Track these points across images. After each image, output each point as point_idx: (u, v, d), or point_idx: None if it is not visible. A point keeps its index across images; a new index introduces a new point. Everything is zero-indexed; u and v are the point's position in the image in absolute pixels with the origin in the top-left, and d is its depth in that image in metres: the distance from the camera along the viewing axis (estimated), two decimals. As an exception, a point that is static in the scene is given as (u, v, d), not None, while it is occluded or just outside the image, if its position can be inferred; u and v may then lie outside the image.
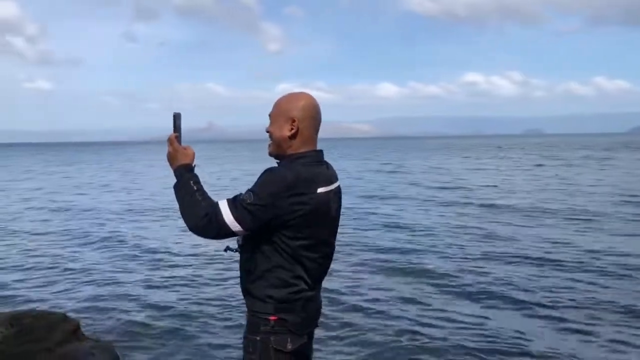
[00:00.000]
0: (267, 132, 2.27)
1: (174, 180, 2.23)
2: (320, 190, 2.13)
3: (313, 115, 2.24)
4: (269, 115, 2.28)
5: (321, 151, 2.28)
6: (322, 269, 2.28)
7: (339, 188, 2.31)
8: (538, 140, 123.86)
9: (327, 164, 2.30)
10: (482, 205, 15.40)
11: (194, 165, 2.28)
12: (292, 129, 2.18)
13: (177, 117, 2.33)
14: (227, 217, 2.05)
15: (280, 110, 2.23)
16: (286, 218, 2.06)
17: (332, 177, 2.25)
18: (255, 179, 2.12)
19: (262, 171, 2.14)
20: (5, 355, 4.11)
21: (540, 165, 35.07)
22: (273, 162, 2.27)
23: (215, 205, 2.09)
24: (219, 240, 2.19)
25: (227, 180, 26.88)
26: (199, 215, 2.09)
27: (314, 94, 2.33)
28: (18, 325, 4.26)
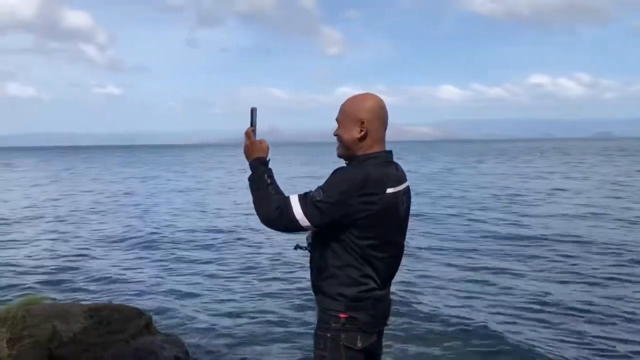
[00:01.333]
0: (335, 135, 2.31)
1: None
2: (389, 190, 2.15)
3: (381, 116, 2.27)
4: (337, 120, 2.32)
5: (390, 151, 2.30)
6: (391, 269, 2.30)
7: (408, 188, 2.32)
8: (613, 144, 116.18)
9: (396, 164, 2.32)
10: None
11: (268, 159, 2.35)
12: (361, 130, 2.22)
13: (253, 112, 2.41)
14: (297, 212, 2.11)
15: (348, 113, 2.27)
16: (355, 217, 2.10)
17: (401, 178, 2.27)
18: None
19: (327, 171, 2.18)
20: (84, 345, 4.35)
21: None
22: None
23: (287, 199, 2.15)
24: (287, 234, 2.25)
25: (282, 180, 27.16)
26: (271, 207, 2.15)
27: None
28: (97, 317, 4.50)
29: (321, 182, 2.18)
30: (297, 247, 2.56)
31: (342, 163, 2.32)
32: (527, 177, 28.28)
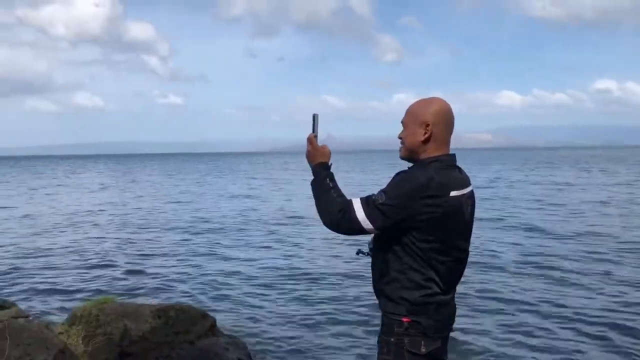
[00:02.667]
0: (400, 138, 2.33)
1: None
2: (453, 193, 2.14)
3: (446, 119, 2.27)
4: (402, 122, 2.33)
5: (454, 155, 2.29)
6: (455, 274, 2.29)
7: (472, 192, 2.31)
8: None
9: (459, 168, 2.31)
10: None
11: (330, 164, 2.38)
12: (425, 133, 2.22)
13: (315, 118, 2.47)
14: (360, 215, 2.13)
15: (413, 116, 2.28)
16: (417, 219, 2.10)
17: (465, 181, 2.26)
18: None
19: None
20: (152, 344, 4.53)
21: None
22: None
23: (349, 203, 2.17)
24: (350, 237, 2.28)
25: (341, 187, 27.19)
26: (334, 210, 2.18)
27: None
28: (164, 317, 4.68)
29: (380, 187, 2.21)
30: (358, 252, 2.58)
31: (403, 167, 2.33)
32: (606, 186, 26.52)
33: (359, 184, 28.42)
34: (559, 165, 53.27)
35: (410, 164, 2.31)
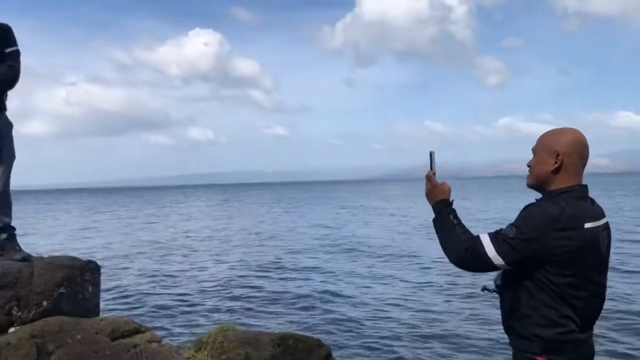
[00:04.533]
0: (528, 165, 2.29)
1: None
2: (587, 225, 2.07)
3: (580, 150, 2.20)
4: (532, 150, 2.29)
5: (586, 186, 2.21)
6: (593, 310, 2.17)
7: (607, 224, 2.21)
8: None
9: (591, 199, 2.22)
10: None
11: (452, 200, 2.37)
12: (555, 162, 2.16)
13: (432, 155, 2.48)
14: (489, 251, 2.09)
15: (544, 145, 2.23)
16: (550, 253, 2.03)
17: (599, 213, 2.17)
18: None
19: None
20: (272, 372, 4.66)
21: None
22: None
23: (477, 239, 2.14)
24: (478, 274, 2.24)
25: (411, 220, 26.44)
26: (461, 248, 2.16)
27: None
28: (283, 346, 4.81)
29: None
30: (484, 289, 2.53)
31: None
32: None
33: (462, 211, 27.35)
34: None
35: (538, 194, 2.26)
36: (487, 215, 24.39)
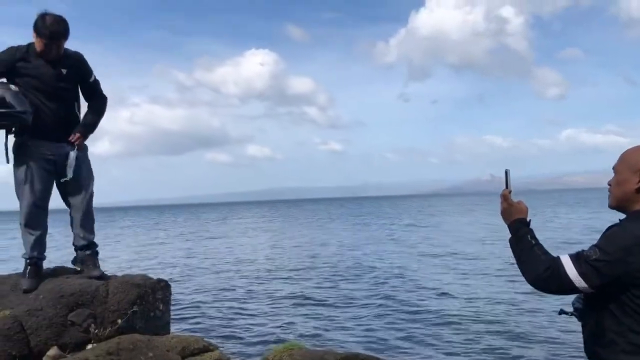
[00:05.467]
0: (609, 185, 2.20)
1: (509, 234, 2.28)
2: None
3: None
4: (613, 168, 2.20)
5: None
6: None
7: None
8: None
9: None
10: None
11: (529, 220, 2.30)
12: (639, 181, 2.07)
13: (507, 174, 2.43)
14: (571, 273, 2.01)
15: (627, 163, 2.13)
16: (636, 276, 1.94)
17: None
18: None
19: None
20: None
21: None
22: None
23: (557, 260, 2.07)
24: (557, 297, 2.16)
25: (484, 232, 25.78)
26: (540, 269, 2.09)
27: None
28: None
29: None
30: (561, 312, 2.44)
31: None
32: None
33: (494, 231, 26.60)
34: None
35: (621, 214, 2.15)
36: (556, 231, 23.59)
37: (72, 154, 4.33)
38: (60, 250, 9.74)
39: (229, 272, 15.45)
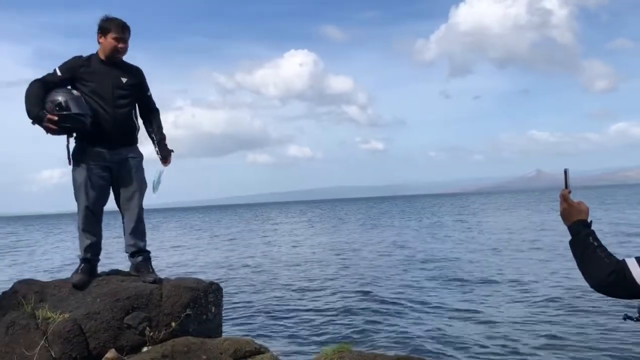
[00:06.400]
0: None
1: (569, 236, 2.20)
2: None
3: None
4: None
5: None
6: None
7: None
8: None
9: None
10: None
11: (590, 221, 2.21)
12: None
13: (566, 173, 2.34)
14: (638, 276, 1.93)
15: None
16: None
17: None
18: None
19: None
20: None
21: None
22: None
23: (622, 263, 1.98)
24: (617, 300, 2.07)
25: (533, 234, 24.74)
26: (604, 272, 2.01)
27: None
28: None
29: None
30: (626, 317, 2.33)
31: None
32: None
33: (543, 229, 25.82)
34: None
35: None
36: (618, 229, 22.76)
37: (161, 171, 4.66)
38: (114, 254, 10.00)
39: (277, 273, 15.53)
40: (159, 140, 4.78)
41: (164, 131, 4.82)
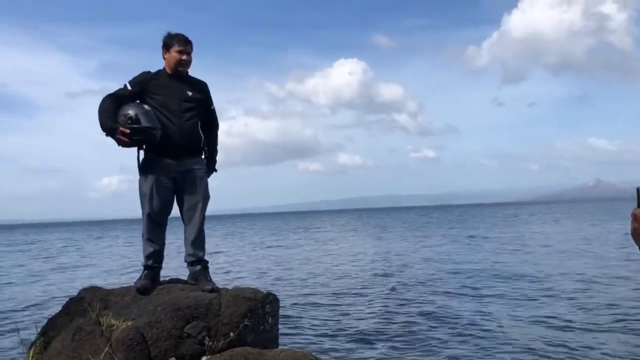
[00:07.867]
0: None
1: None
2: None
3: None
4: None
5: None
6: None
7: None
8: None
9: None
10: None
11: None
12: None
13: (639, 191, 2.25)
14: None
15: None
16: None
17: None
18: None
19: None
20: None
21: None
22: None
23: None
24: None
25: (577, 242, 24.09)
26: None
27: None
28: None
29: None
30: None
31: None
32: None
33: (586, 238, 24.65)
34: None
35: None
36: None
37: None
38: (174, 259, 10.20)
39: (333, 283, 15.39)
40: (210, 155, 4.94)
41: (218, 146, 4.97)
